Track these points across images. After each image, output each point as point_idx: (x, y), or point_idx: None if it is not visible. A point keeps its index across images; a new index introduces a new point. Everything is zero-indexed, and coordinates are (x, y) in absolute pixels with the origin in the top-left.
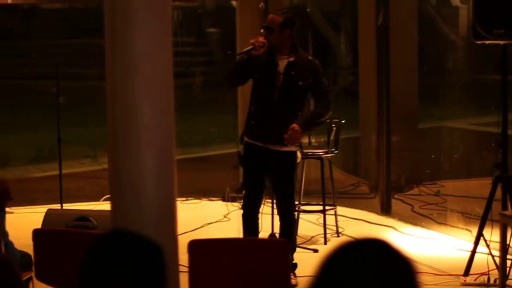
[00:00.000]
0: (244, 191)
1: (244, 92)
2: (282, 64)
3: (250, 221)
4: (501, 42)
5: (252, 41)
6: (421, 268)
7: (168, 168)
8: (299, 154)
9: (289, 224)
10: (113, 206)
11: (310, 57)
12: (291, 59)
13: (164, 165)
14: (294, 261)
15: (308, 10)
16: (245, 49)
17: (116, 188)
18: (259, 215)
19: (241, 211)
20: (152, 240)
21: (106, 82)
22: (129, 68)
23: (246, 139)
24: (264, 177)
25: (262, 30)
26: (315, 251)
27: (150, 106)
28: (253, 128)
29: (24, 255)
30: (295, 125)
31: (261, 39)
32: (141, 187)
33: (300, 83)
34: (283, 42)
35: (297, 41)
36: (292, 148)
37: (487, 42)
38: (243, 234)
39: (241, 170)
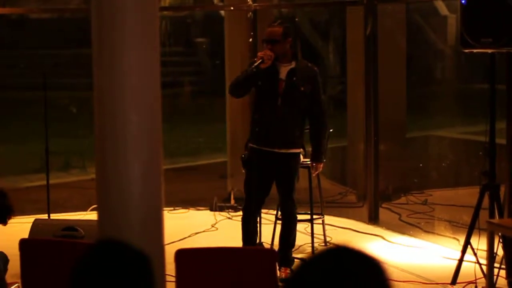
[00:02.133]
0: (245, 195)
1: (232, 102)
2: (284, 71)
3: (249, 224)
4: (489, 51)
5: (261, 54)
6: (408, 277)
7: (155, 177)
8: (302, 156)
9: (291, 222)
10: (100, 215)
11: (309, 64)
12: (292, 66)
13: (151, 174)
14: (292, 257)
15: (296, 19)
16: (255, 64)
17: (103, 198)
18: (258, 219)
19: (229, 221)
20: (140, 250)
21: (93, 93)
22: (116, 78)
23: (251, 145)
24: (267, 180)
25: (264, 44)
26: (303, 260)
27: (137, 116)
28: (258, 134)
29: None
30: (315, 165)
31: (268, 52)
32: (128, 197)
33: (302, 89)
34: (286, 51)
35: (296, 49)
36: (296, 150)
37: (475, 50)
38: (242, 237)
39: (229, 179)
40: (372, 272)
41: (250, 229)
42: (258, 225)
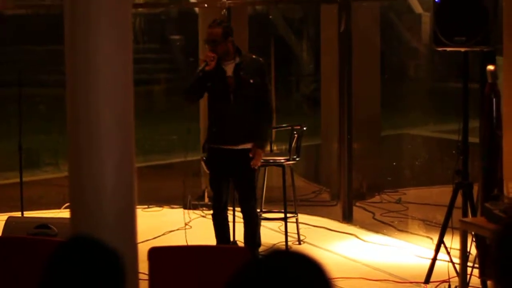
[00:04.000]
0: (213, 196)
1: (205, 99)
2: (230, 68)
3: (220, 221)
4: (462, 49)
5: (203, 58)
6: (382, 275)
7: (128, 175)
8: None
9: (253, 222)
10: (72, 213)
11: (254, 56)
12: (237, 61)
13: (124, 172)
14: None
15: (270, 17)
16: (199, 68)
17: (75, 195)
18: (227, 216)
19: (202, 219)
20: (111, 247)
21: (66, 87)
22: (89, 75)
23: (210, 145)
24: (229, 178)
25: (207, 46)
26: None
27: (110, 113)
28: (215, 134)
29: None
30: (255, 150)
31: (209, 53)
32: (100, 194)
33: (252, 81)
34: (228, 50)
35: (237, 44)
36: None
37: (448, 49)
38: (216, 237)
39: (203, 178)
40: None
41: (220, 226)
42: (232, 223)
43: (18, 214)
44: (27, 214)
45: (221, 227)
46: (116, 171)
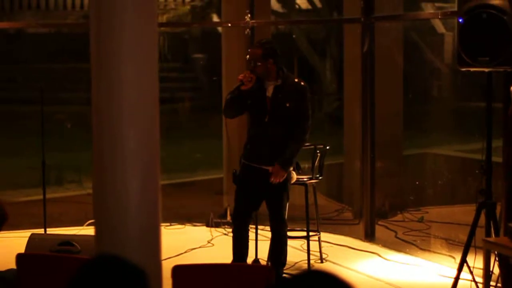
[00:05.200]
0: (234, 210)
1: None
2: (270, 89)
3: (240, 239)
4: (486, 70)
5: (240, 77)
6: None
7: (152, 193)
8: (294, 175)
9: (280, 241)
10: (97, 230)
11: (296, 80)
12: (278, 83)
13: (149, 190)
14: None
15: (294, 36)
16: (235, 86)
17: (100, 213)
18: (248, 234)
19: (225, 237)
20: (137, 266)
21: (91, 108)
22: (115, 94)
23: (243, 161)
24: (256, 197)
25: (250, 66)
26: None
27: (135, 132)
28: (249, 151)
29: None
30: (275, 167)
31: (247, 74)
32: (125, 212)
33: (288, 105)
34: (269, 71)
35: (284, 65)
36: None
37: (471, 69)
38: (233, 252)
39: (225, 196)
40: None
41: (239, 242)
42: (255, 241)
43: (41, 231)
44: (50, 231)
45: (239, 244)
46: (141, 189)
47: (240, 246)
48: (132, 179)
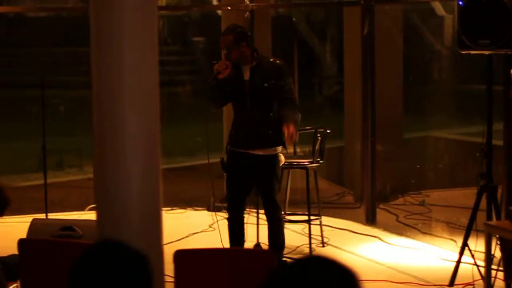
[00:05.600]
0: (227, 197)
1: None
2: (247, 72)
3: (236, 225)
4: (486, 52)
5: (216, 66)
6: (406, 278)
7: (153, 177)
8: (282, 158)
9: (276, 225)
10: (98, 215)
11: (271, 59)
12: (253, 65)
13: (149, 174)
14: (284, 258)
15: (293, 19)
16: (212, 76)
17: (101, 198)
18: (245, 220)
19: (226, 221)
20: (139, 250)
21: (92, 92)
22: (115, 78)
23: (229, 147)
24: (247, 181)
25: (224, 53)
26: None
27: (135, 116)
28: (234, 137)
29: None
30: (290, 125)
31: (222, 62)
32: (126, 197)
33: (266, 85)
34: (243, 55)
35: (257, 48)
36: (272, 151)
37: (472, 52)
38: (229, 239)
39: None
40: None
41: (236, 231)
42: (256, 225)
43: (42, 216)
44: (51, 216)
45: (235, 230)
46: (142, 174)
47: (236, 232)
48: (133, 164)
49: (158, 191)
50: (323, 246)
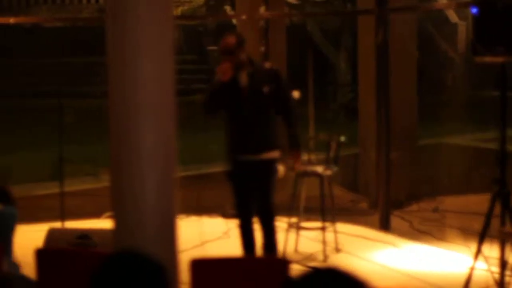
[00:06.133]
0: (235, 206)
1: None
2: (243, 78)
3: (246, 232)
4: (501, 59)
5: (219, 68)
6: (420, 284)
7: (169, 185)
8: (281, 169)
9: (271, 234)
10: (115, 223)
11: (267, 65)
12: (250, 71)
13: (165, 182)
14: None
15: (308, 28)
16: (215, 80)
17: (118, 206)
18: (253, 226)
19: None
20: (157, 261)
21: (108, 102)
22: (131, 88)
23: (230, 156)
24: (250, 189)
25: (222, 57)
26: (314, 268)
27: (152, 125)
28: (233, 145)
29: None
30: (295, 153)
31: (224, 65)
32: (142, 204)
33: (264, 90)
34: (242, 60)
35: (250, 54)
36: (271, 155)
37: (486, 59)
38: (241, 246)
39: None
40: None
41: (247, 237)
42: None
43: (58, 224)
44: (67, 224)
45: (246, 237)
46: (158, 182)
47: (247, 240)
48: (149, 173)
49: (174, 200)
50: (337, 253)
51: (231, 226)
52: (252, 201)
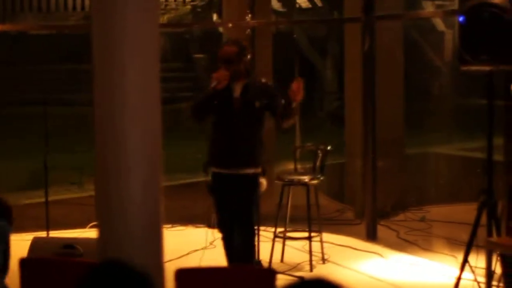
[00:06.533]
0: (217, 219)
1: None
2: (238, 89)
3: (229, 246)
4: (487, 68)
5: (216, 75)
6: None
7: (154, 195)
8: (264, 182)
9: (249, 251)
10: (100, 232)
11: (263, 80)
12: (245, 82)
13: (151, 192)
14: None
15: (294, 36)
16: (211, 86)
17: (103, 215)
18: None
19: None
20: (143, 271)
21: (93, 110)
22: (117, 96)
23: (213, 169)
24: (232, 203)
25: (220, 64)
26: (301, 278)
27: (137, 133)
28: (216, 156)
29: None
30: (299, 80)
31: (223, 72)
32: (127, 214)
33: (257, 105)
34: (240, 71)
35: (248, 67)
36: (252, 170)
37: (472, 68)
38: (226, 258)
39: None
40: None
41: (229, 250)
42: (257, 243)
43: (43, 233)
44: (52, 233)
45: (230, 250)
46: (143, 191)
47: (231, 251)
48: (135, 182)
49: (160, 209)
50: (324, 263)
51: (217, 236)
52: (233, 215)
